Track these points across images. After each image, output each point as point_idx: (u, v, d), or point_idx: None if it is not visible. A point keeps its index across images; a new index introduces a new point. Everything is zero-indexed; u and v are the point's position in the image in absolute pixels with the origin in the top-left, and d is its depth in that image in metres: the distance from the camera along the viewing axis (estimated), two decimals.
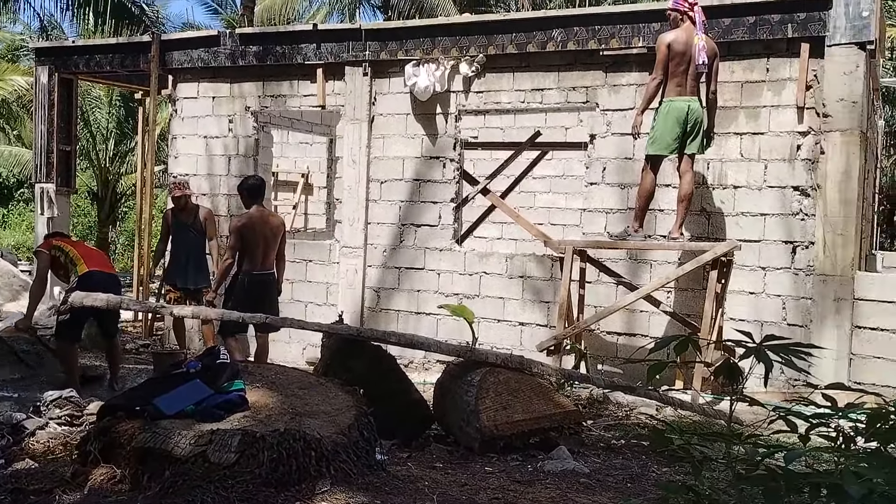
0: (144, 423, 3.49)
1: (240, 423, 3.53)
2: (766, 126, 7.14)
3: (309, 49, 9.09)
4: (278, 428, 3.42)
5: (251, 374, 4.26)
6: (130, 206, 22.69)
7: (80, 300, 5.93)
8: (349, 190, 8.92)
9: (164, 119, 14.44)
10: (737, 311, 7.15)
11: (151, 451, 3.34)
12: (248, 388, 3.92)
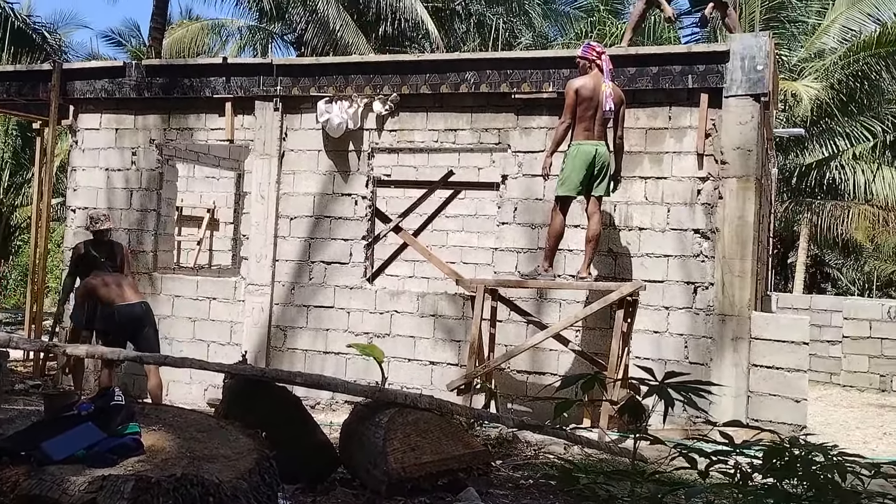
0: (30, 468, 3.30)
1: (134, 468, 3.39)
2: (669, 171, 7.42)
3: (218, 82, 8.94)
4: (175, 473, 3.29)
5: (147, 417, 4.08)
6: (25, 240, 21.59)
7: None
8: (257, 226, 8.74)
9: (63, 150, 13.89)
10: (642, 349, 7.32)
11: (37, 498, 3.17)
12: (144, 432, 3.76)
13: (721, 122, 7.24)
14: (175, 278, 9.33)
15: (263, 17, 19.77)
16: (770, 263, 13.37)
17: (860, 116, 17.64)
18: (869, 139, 17.80)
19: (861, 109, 17.71)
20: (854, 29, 17.72)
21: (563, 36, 21.20)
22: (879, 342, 11.53)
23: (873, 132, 17.55)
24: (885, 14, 17.67)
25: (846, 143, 17.91)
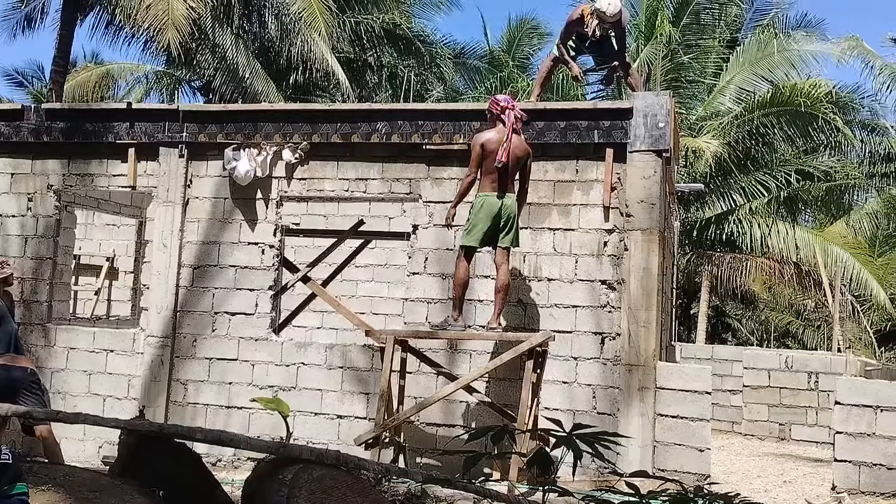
0: None
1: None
2: (577, 223, 7.58)
3: (122, 128, 8.69)
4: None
5: (37, 476, 3.87)
6: None
7: None
8: (158, 275, 8.43)
9: None
10: (551, 400, 7.34)
11: None
12: (33, 492, 3.59)
13: (626, 176, 7.47)
14: (70, 329, 8.89)
15: (171, 63, 19.48)
16: (674, 314, 13.78)
17: (756, 173, 18.63)
18: (764, 195, 18.79)
19: (756, 166, 18.72)
20: (749, 89, 18.81)
21: (473, 90, 21.68)
22: (778, 391, 11.97)
23: (768, 188, 18.54)
24: (778, 75, 18.83)
25: (743, 199, 18.84)
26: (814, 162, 19.84)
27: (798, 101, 16.73)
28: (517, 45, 23.08)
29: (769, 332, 25.50)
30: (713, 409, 8.62)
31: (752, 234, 18.41)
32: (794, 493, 8.08)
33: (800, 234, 18.76)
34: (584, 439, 3.03)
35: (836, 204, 20.84)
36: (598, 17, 7.88)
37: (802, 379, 11.89)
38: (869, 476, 7.26)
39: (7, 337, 7.64)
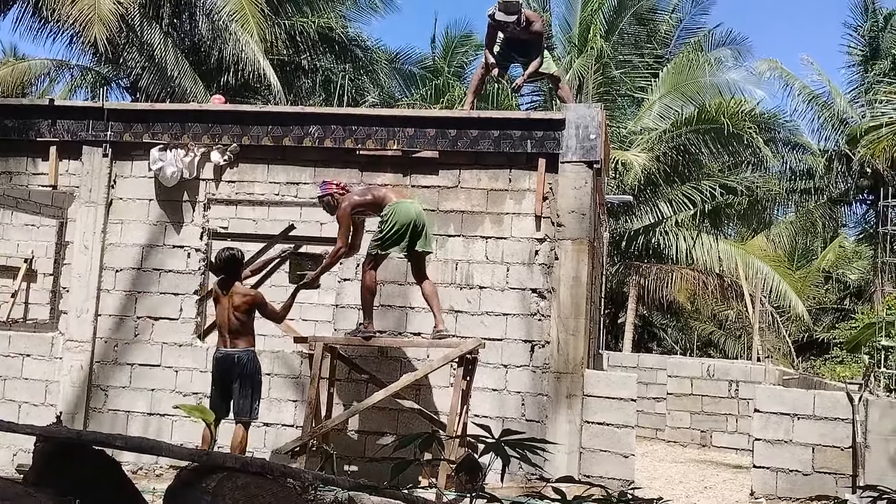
0: None
1: None
2: (509, 231, 7.63)
3: (43, 125, 8.38)
4: None
5: None
6: None
7: None
8: (79, 278, 8.14)
9: None
10: (481, 407, 7.36)
11: None
12: None
13: (557, 186, 7.57)
14: None
15: (98, 60, 18.87)
16: (602, 323, 14.03)
17: (682, 186, 19.15)
18: (690, 207, 19.32)
19: (683, 180, 19.25)
20: (676, 108, 19.35)
21: (408, 96, 21.68)
22: (700, 399, 12.29)
23: (693, 201, 19.07)
24: (703, 94, 19.45)
25: (670, 211, 19.34)
26: (737, 177, 20.54)
27: (722, 120, 17.29)
28: (453, 54, 23.22)
29: (692, 341, 26.20)
30: (638, 416, 8.80)
31: (678, 245, 18.92)
32: (714, 499, 8.30)
33: (723, 247, 19.37)
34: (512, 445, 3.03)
35: (758, 218, 21.62)
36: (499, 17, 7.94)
37: (723, 387, 12.24)
38: (786, 482, 7.52)
39: None
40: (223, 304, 6.75)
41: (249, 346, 6.78)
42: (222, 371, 6.71)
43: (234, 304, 6.73)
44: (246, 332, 6.78)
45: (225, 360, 6.70)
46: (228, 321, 6.73)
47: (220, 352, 6.77)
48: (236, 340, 6.73)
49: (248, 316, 6.79)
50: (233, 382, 6.68)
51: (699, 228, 19.61)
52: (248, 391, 6.72)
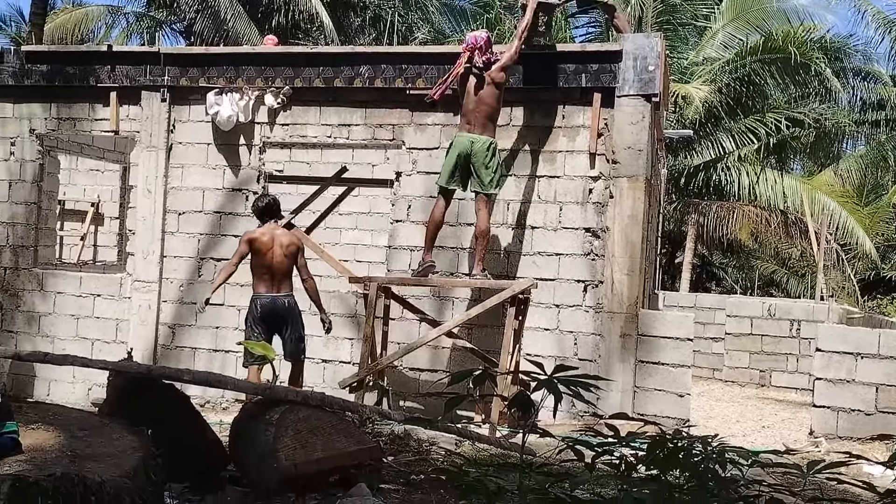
0: None
1: (11, 467, 3.24)
2: (562, 170, 7.55)
3: (103, 71, 8.55)
4: (55, 472, 3.15)
5: (26, 415, 3.90)
6: None
7: None
8: (144, 221, 8.39)
9: None
10: (532, 346, 7.41)
11: None
12: (23, 430, 3.59)
13: (613, 121, 7.41)
14: (57, 274, 8.90)
15: (152, 5, 19.04)
16: (658, 263, 13.86)
17: (746, 119, 18.52)
18: (754, 142, 18.71)
19: (746, 112, 18.59)
20: (741, 37, 18.59)
21: (459, 32, 21.32)
22: (760, 339, 12.12)
23: (757, 135, 18.45)
24: (771, 25, 18.63)
25: (732, 145, 18.77)
26: (804, 109, 19.75)
27: (789, 49, 16.57)
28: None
29: (753, 280, 25.71)
30: (694, 356, 8.75)
31: (740, 181, 18.42)
32: (772, 438, 8.24)
33: (788, 182, 18.77)
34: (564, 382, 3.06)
35: (826, 152, 20.85)
36: None
37: (784, 326, 12.04)
38: (847, 421, 7.41)
39: None
40: (269, 249, 6.78)
41: (292, 289, 6.91)
42: (272, 315, 6.78)
43: (282, 249, 6.80)
44: (290, 277, 6.90)
45: (274, 304, 6.78)
46: (275, 266, 6.78)
47: (266, 297, 6.78)
48: (282, 285, 6.83)
49: (292, 261, 6.87)
50: (283, 326, 6.82)
51: (763, 163, 19.01)
52: (300, 333, 6.90)
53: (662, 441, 2.96)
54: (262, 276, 6.81)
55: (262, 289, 6.81)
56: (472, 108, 6.96)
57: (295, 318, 6.86)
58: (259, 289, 6.83)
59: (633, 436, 3.09)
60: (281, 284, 6.81)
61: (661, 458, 2.93)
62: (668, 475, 2.91)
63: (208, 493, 4.57)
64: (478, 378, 3.31)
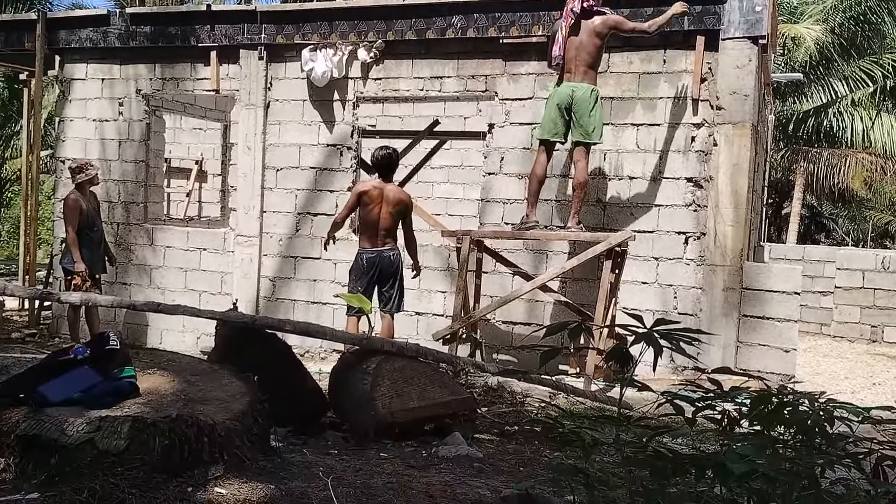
0: (29, 410, 3.33)
1: (130, 409, 3.41)
2: (663, 117, 7.28)
3: (203, 31, 8.76)
4: (170, 414, 3.32)
5: (143, 361, 4.10)
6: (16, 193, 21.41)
7: None
8: (244, 177, 8.64)
9: (50, 102, 13.67)
10: (629, 300, 7.27)
11: (37, 438, 3.19)
12: (140, 375, 3.79)
13: (717, 65, 7.08)
14: (166, 229, 9.29)
15: None
16: (764, 213, 13.31)
17: (860, 61, 17.39)
18: (868, 85, 17.58)
19: (861, 54, 17.45)
20: None
21: None
22: (872, 293, 11.53)
23: (873, 77, 17.31)
24: None
25: (845, 89, 17.70)
26: None
27: None
28: None
29: (866, 232, 24.40)
30: (801, 311, 8.40)
31: (853, 127, 17.38)
32: (883, 395, 7.88)
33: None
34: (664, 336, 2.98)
35: None
36: None
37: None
38: None
39: (99, 236, 8.11)
40: (377, 204, 6.78)
41: (396, 244, 6.94)
42: (375, 269, 6.82)
43: (391, 205, 6.79)
44: (395, 232, 6.91)
45: (379, 259, 6.81)
46: (382, 221, 6.80)
47: (371, 251, 6.81)
48: (388, 240, 6.84)
49: (399, 218, 6.86)
50: (386, 280, 6.86)
51: (878, 108, 17.83)
52: (400, 288, 6.95)
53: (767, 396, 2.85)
54: (368, 230, 6.83)
55: (367, 243, 6.84)
56: (572, 55, 6.76)
57: (398, 273, 6.90)
58: (364, 243, 6.87)
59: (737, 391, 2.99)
60: (386, 239, 6.82)
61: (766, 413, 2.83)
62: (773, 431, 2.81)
63: (310, 437, 4.72)
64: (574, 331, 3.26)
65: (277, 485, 3.28)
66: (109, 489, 2.97)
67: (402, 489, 3.41)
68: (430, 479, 3.67)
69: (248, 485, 3.21)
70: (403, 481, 3.57)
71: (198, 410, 3.44)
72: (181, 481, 3.12)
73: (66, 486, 3.00)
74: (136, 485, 3.02)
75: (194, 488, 3.11)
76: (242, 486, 3.19)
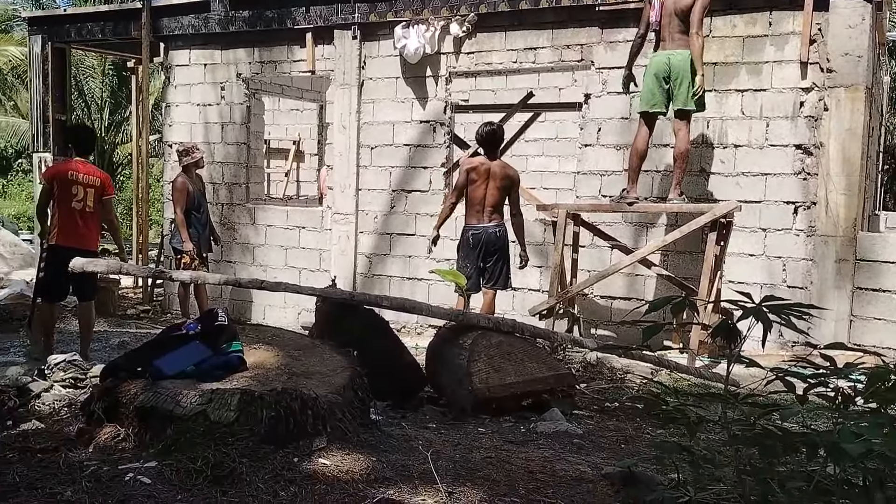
0: (146, 383, 3.51)
1: (238, 382, 3.55)
2: (769, 82, 6.95)
3: (298, 13, 8.90)
4: (276, 387, 3.44)
5: (249, 336, 4.26)
6: (127, 176, 22.52)
7: (82, 266, 5.78)
8: (340, 156, 8.77)
9: (157, 88, 14.25)
10: (735, 273, 7.02)
11: (154, 410, 3.37)
12: (246, 349, 3.93)
13: (827, 26, 6.69)
14: (267, 209, 9.55)
15: None
16: (879, 180, 12.56)
17: None
18: None
19: None
20: None
21: None
22: None
23: None
24: None
25: None
26: None
27: None
28: None
29: None
30: None
31: None
32: None
33: None
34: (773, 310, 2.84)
35: None
36: None
37: None
38: None
39: (205, 217, 8.44)
40: (483, 180, 6.72)
41: (502, 220, 6.88)
42: (481, 245, 6.77)
43: (497, 181, 6.72)
44: (501, 208, 6.84)
45: (485, 234, 6.76)
46: (488, 197, 6.72)
47: (477, 227, 6.77)
48: (494, 216, 6.78)
49: (505, 193, 6.78)
50: (490, 255, 6.81)
51: None
52: (505, 264, 6.89)
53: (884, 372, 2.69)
54: (474, 206, 6.79)
55: (473, 220, 6.81)
56: (666, 22, 6.52)
57: (504, 249, 6.84)
58: (471, 220, 6.83)
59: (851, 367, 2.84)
60: (492, 215, 6.77)
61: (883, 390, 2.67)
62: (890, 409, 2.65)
63: (408, 411, 4.78)
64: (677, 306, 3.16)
65: (379, 457, 3.35)
66: (221, 458, 3.09)
67: (500, 464, 3.41)
68: (530, 454, 3.66)
69: (351, 456, 3.29)
70: (502, 456, 3.57)
71: (301, 384, 3.55)
72: (287, 452, 3.23)
73: (181, 455, 3.14)
74: (246, 454, 3.14)
75: (300, 459, 3.20)
76: (345, 458, 3.26)
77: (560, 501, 2.97)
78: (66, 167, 6.51)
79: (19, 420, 4.12)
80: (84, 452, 3.34)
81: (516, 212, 6.88)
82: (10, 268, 11.49)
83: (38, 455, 3.33)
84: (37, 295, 6.68)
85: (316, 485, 3.00)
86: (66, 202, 6.34)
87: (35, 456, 3.32)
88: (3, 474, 3.06)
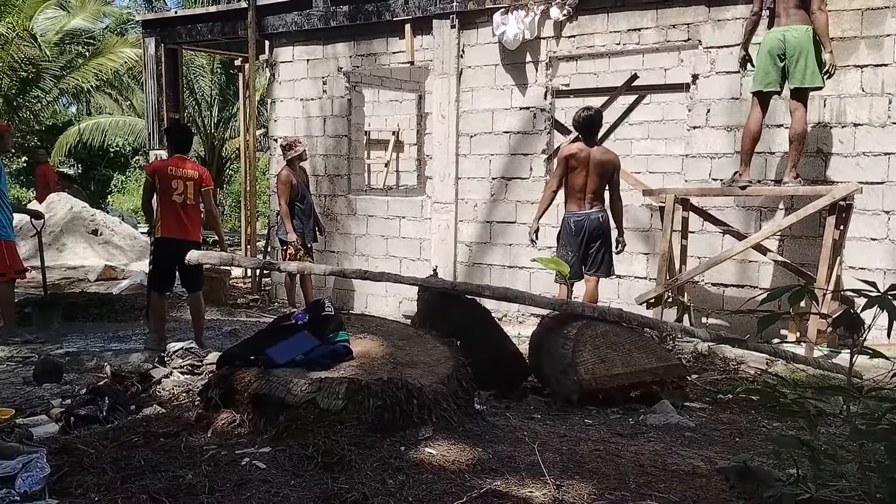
0: (259, 371, 3.63)
1: (346, 371, 3.62)
2: (891, 56, 6.51)
3: (397, 5, 8.97)
4: (382, 377, 3.49)
5: (354, 326, 4.33)
6: (235, 170, 23.36)
7: (197, 258, 6.05)
8: (439, 145, 8.80)
9: (262, 84, 14.69)
10: (856, 259, 6.63)
11: (266, 397, 3.47)
12: (352, 339, 4.01)
13: None
14: (367, 199, 9.70)
15: None
16: None
17: None
18: None
19: None
20: None
21: None
22: None
23: None
24: None
25: None
26: None
27: None
28: None
29: None
30: None
31: None
32: None
33: None
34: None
35: None
36: None
37: None
38: None
39: (309, 208, 8.65)
40: (583, 167, 6.59)
41: (603, 206, 6.73)
42: (584, 232, 6.66)
43: (597, 167, 6.58)
44: (602, 194, 6.70)
45: (587, 221, 6.65)
46: (589, 183, 6.61)
47: (578, 214, 6.66)
48: (595, 202, 6.66)
49: (605, 179, 6.63)
50: (593, 242, 6.69)
51: None
52: (609, 251, 6.76)
53: None
54: (575, 193, 6.67)
55: (574, 206, 6.70)
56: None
57: (607, 235, 6.72)
58: (571, 207, 6.72)
59: None
60: (594, 202, 6.65)
61: None
62: None
63: (512, 401, 4.76)
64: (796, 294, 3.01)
65: (484, 448, 3.33)
66: (331, 445, 3.15)
67: (609, 457, 3.34)
68: (639, 447, 3.57)
69: (457, 446, 3.29)
70: (611, 449, 3.49)
71: (406, 374, 3.59)
72: (394, 440, 3.26)
73: (293, 441, 3.22)
74: (354, 442, 3.19)
75: (406, 447, 3.23)
76: (451, 448, 3.27)
77: (672, 496, 2.88)
78: (165, 163, 6.83)
79: (142, 405, 4.37)
80: (203, 437, 3.47)
81: (616, 197, 6.72)
82: (129, 259, 12.19)
83: (160, 439, 3.47)
84: (149, 286, 7.03)
85: (423, 474, 3.01)
86: (167, 196, 6.68)
87: (158, 440, 3.47)
88: (129, 457, 3.21)
